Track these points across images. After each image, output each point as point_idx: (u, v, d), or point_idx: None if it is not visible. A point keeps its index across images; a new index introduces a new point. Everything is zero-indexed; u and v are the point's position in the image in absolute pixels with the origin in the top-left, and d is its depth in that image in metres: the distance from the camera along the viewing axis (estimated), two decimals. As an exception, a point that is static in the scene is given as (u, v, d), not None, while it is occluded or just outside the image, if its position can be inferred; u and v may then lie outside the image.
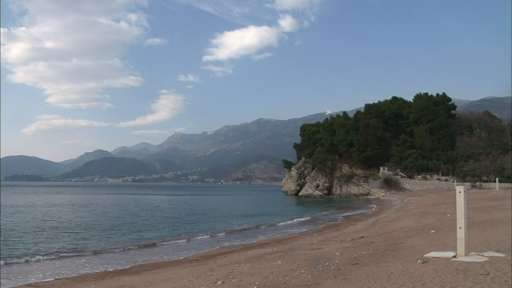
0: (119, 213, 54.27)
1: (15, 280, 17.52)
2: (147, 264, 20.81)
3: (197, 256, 22.99)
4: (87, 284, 16.26)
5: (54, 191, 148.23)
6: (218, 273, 15.43)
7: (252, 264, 16.73)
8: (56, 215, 49.83)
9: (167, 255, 23.89)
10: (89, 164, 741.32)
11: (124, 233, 33.28)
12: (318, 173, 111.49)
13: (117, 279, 17.07)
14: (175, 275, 16.44)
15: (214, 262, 19.48)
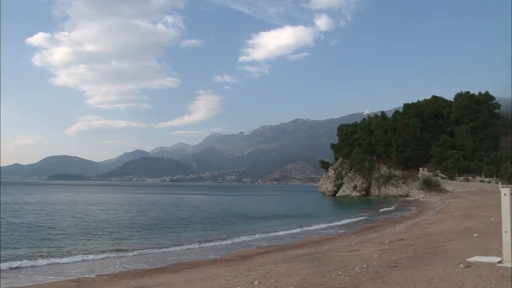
0: (157, 212, 54.97)
1: (58, 276, 17.99)
2: (185, 263, 20.94)
3: (234, 255, 23.01)
4: (126, 281, 16.47)
5: (94, 190, 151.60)
6: (255, 273, 15.37)
7: (289, 265, 16.60)
8: (96, 213, 50.90)
9: (204, 254, 24.01)
10: (128, 164, 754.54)
11: (162, 232, 33.69)
12: (355, 174, 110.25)
13: (156, 277, 17.26)
14: (212, 274, 16.47)
15: (251, 262, 19.42)
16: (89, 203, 71.05)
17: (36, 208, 57.07)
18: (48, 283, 16.95)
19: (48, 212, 51.06)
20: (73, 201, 76.04)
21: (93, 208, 60.42)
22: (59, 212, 51.72)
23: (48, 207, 59.51)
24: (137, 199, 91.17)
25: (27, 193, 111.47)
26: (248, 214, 53.35)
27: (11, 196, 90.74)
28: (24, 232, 31.60)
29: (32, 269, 19.35)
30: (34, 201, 74.30)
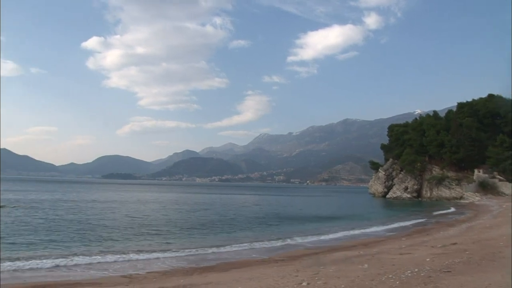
0: (206, 212, 55.59)
1: (110, 272, 18.50)
2: (233, 262, 21.04)
3: (282, 256, 22.93)
4: (176, 279, 16.70)
5: (145, 189, 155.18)
6: (303, 274, 15.27)
7: (338, 267, 16.41)
8: (146, 212, 52.02)
9: (253, 254, 24.06)
10: (178, 164, 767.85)
11: (211, 232, 33.98)
12: (406, 175, 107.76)
13: (205, 275, 17.43)
14: (261, 274, 16.47)
15: (299, 263, 19.32)
16: (140, 202, 72.73)
17: (89, 206, 58.98)
18: (101, 277, 17.48)
19: (101, 210, 52.65)
20: (124, 200, 78.07)
21: (144, 207, 61.83)
22: (111, 210, 53.19)
23: (100, 205, 61.40)
24: (187, 199, 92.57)
25: (81, 191, 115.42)
26: (297, 215, 53.16)
27: (66, 194, 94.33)
28: (78, 229, 32.68)
29: (86, 265, 19.94)
30: (87, 199, 76.80)
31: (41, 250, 23.27)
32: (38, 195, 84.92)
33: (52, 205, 56.60)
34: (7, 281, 16.75)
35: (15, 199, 67.03)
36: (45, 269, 18.85)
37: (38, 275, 17.91)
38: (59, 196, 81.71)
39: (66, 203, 62.94)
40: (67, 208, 52.53)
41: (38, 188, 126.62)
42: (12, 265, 19.14)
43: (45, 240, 26.75)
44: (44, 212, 45.69)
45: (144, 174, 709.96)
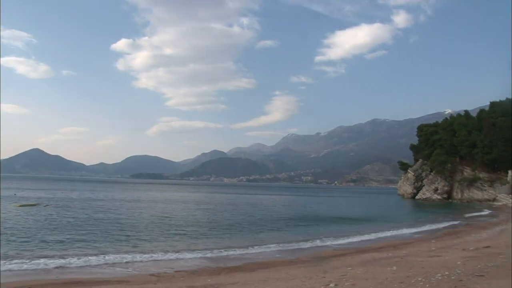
0: (234, 212, 55.70)
1: (139, 271, 18.69)
2: (260, 263, 21.04)
3: (310, 256, 22.82)
4: (203, 278, 16.78)
5: (173, 189, 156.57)
6: (331, 275, 15.14)
7: (366, 268, 16.21)
8: (174, 212, 52.44)
9: (280, 254, 24.01)
10: (206, 164, 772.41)
11: (239, 232, 34.06)
12: (436, 176, 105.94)
13: (232, 275, 17.47)
14: (288, 274, 16.42)
15: (327, 264, 19.19)
16: (167, 202, 73.36)
17: (117, 205, 59.81)
18: (130, 275, 17.72)
19: (129, 209, 53.38)
20: (152, 199, 78.94)
21: (172, 206, 62.31)
22: (139, 209, 53.86)
23: (128, 204, 62.26)
24: (214, 199, 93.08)
25: (111, 190, 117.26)
26: (325, 216, 52.78)
27: (95, 193, 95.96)
28: (106, 228, 33.15)
29: (114, 264, 20.18)
30: (116, 198, 77.93)
31: (71, 249, 23.67)
32: (69, 194, 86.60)
33: (82, 204, 57.64)
34: (39, 276, 17.18)
35: (46, 198, 68.59)
36: (75, 267, 19.19)
37: (69, 272, 18.26)
38: (88, 195, 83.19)
39: (95, 202, 64.06)
40: (96, 207, 53.42)
41: (69, 187, 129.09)
42: (44, 262, 19.54)
43: (75, 238, 27.21)
44: (74, 211, 46.55)
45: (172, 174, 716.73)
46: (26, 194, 78.64)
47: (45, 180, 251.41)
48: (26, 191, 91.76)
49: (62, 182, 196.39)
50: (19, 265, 18.83)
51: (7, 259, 19.81)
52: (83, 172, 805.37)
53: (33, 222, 34.58)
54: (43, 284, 15.51)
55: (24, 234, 27.93)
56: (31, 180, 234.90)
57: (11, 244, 24.17)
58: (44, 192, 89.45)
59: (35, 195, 76.00)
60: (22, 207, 48.79)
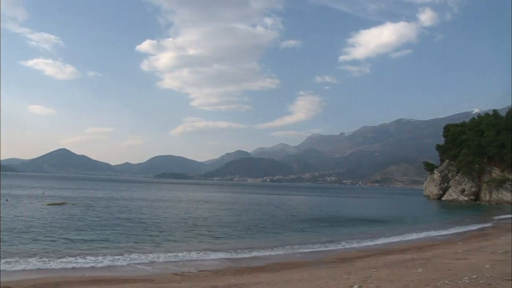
0: (257, 212, 55.75)
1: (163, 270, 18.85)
2: (284, 263, 20.98)
3: (333, 258, 22.68)
4: (227, 278, 16.84)
5: (197, 189, 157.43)
6: (354, 276, 15.01)
7: (391, 270, 16.03)
8: (198, 211, 52.78)
9: (304, 255, 23.95)
10: (229, 164, 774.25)
11: (262, 232, 34.09)
12: (463, 177, 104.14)
13: (255, 275, 17.48)
14: (311, 275, 16.35)
15: (351, 265, 19.05)
16: (191, 201, 73.87)
17: (142, 204, 60.51)
18: (154, 274, 17.88)
19: (153, 209, 53.93)
20: (176, 199, 79.54)
21: (195, 206, 62.71)
22: (163, 209, 54.33)
23: (153, 204, 62.88)
24: (238, 199, 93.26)
25: (135, 190, 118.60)
26: (349, 217, 52.39)
27: (120, 192, 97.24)
28: (131, 227, 33.60)
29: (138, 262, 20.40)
30: (141, 198, 78.84)
31: (96, 248, 24.03)
32: (95, 193, 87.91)
33: (107, 204, 58.46)
34: (67, 273, 17.60)
35: (73, 197, 69.79)
36: (101, 266, 19.45)
37: (94, 270, 18.56)
38: (113, 195, 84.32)
39: (120, 201, 64.99)
40: (121, 207, 54.13)
41: (95, 187, 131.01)
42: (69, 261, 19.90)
43: (100, 237, 27.62)
44: (99, 211, 47.23)
45: (196, 174, 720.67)
46: (54, 193, 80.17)
47: (72, 179, 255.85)
48: (54, 190, 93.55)
49: (88, 182, 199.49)
50: (46, 263, 19.22)
51: (35, 257, 20.28)
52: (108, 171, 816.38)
53: (60, 221, 35.22)
54: (70, 282, 15.75)
55: (51, 232, 28.46)
56: (59, 179, 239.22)
57: (39, 242, 24.66)
58: (71, 192, 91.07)
59: (63, 194, 77.38)
60: (50, 206, 49.77)
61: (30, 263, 19.04)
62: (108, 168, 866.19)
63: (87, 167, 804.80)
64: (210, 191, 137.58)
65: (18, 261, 19.23)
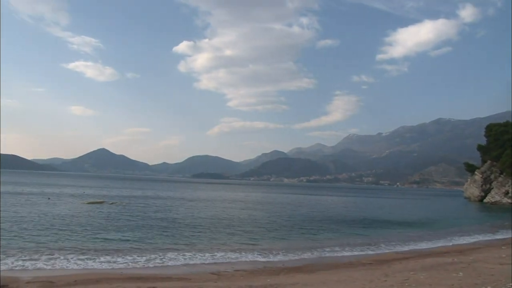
0: (293, 212, 55.58)
1: (199, 269, 19.04)
2: (320, 264, 20.87)
3: (370, 259, 22.41)
4: (263, 278, 16.83)
5: (233, 189, 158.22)
6: (392, 279, 14.78)
7: (429, 273, 15.69)
8: (233, 211, 52.94)
9: (340, 256, 23.80)
10: (266, 164, 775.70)
11: (297, 232, 33.93)
12: (507, 178, 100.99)
13: (291, 276, 17.40)
14: (348, 277, 16.20)
15: (388, 267, 18.76)
16: (228, 201, 74.23)
17: (178, 204, 61.28)
18: (191, 273, 18.04)
19: (190, 208, 54.48)
20: (213, 199, 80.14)
21: (232, 206, 63.01)
22: (200, 208, 54.86)
23: (190, 203, 63.58)
24: (274, 199, 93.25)
25: (172, 190, 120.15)
26: (386, 218, 51.61)
27: (158, 192, 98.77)
28: (167, 226, 34.01)
29: (175, 261, 20.68)
30: (177, 197, 79.90)
31: (134, 246, 24.44)
32: (133, 192, 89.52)
33: (145, 203, 59.45)
34: (106, 270, 18.01)
35: (112, 196, 71.33)
36: (138, 263, 19.78)
37: (132, 268, 18.90)
38: (151, 194, 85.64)
39: (157, 200, 66.02)
40: (158, 206, 54.92)
41: (133, 186, 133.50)
42: (107, 258, 20.35)
43: (138, 236, 28.07)
44: (137, 209, 48.10)
45: (232, 174, 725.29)
46: (93, 192, 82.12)
47: (111, 179, 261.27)
48: (93, 189, 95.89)
49: (126, 181, 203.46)
50: (85, 261, 19.68)
51: (75, 253, 20.85)
52: (146, 171, 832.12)
53: (99, 219, 35.98)
54: (109, 279, 16.06)
55: (90, 230, 29.14)
56: (98, 178, 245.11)
57: (78, 240, 25.26)
58: (109, 191, 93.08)
59: (102, 193, 79.14)
60: (89, 204, 50.99)
61: (70, 260, 19.53)
62: (146, 167, 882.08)
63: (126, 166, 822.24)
64: (246, 191, 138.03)
65: (59, 258, 19.81)
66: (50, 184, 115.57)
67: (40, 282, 15.05)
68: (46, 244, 23.39)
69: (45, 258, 19.49)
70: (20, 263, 18.36)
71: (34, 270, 17.53)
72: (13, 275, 16.07)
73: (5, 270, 17.09)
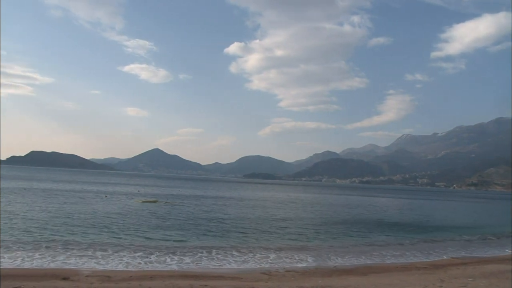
0: (345, 213, 54.92)
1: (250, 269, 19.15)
2: (373, 266, 20.58)
3: (425, 263, 21.82)
4: (315, 279, 16.68)
5: (285, 189, 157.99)
6: (448, 285, 14.30)
7: (490, 281, 15.02)
8: (285, 212, 52.79)
9: (393, 259, 23.36)
10: (318, 164, 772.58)
11: (349, 233, 33.43)
12: None
13: (343, 278, 17.19)
14: (401, 281, 15.85)
15: (444, 273, 18.16)
16: (279, 201, 74.18)
17: (229, 203, 62.05)
18: (242, 272, 18.16)
19: (242, 208, 54.95)
20: (265, 199, 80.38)
21: (283, 206, 62.91)
22: (252, 208, 55.08)
23: (241, 203, 64.26)
24: (326, 200, 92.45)
25: (225, 190, 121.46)
26: (442, 221, 50.25)
27: (210, 191, 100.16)
28: (218, 225, 34.37)
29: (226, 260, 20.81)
30: (230, 196, 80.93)
31: (186, 244, 24.79)
32: (186, 192, 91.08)
33: (198, 202, 60.33)
34: (158, 267, 18.44)
35: (165, 195, 72.94)
36: (189, 262, 20.07)
37: (183, 265, 19.22)
38: (203, 194, 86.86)
39: (209, 200, 66.99)
40: (210, 206, 55.69)
41: (186, 186, 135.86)
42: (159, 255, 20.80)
43: (190, 234, 28.50)
44: (190, 209, 48.91)
45: (284, 174, 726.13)
46: (147, 191, 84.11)
47: (164, 178, 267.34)
48: (147, 188, 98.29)
49: (179, 181, 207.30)
50: (141, 258, 20.20)
51: (130, 251, 21.47)
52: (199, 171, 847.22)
53: (153, 218, 36.76)
54: (162, 276, 16.39)
55: (145, 229, 29.91)
56: (152, 178, 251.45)
57: (132, 237, 25.87)
58: (163, 190, 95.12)
59: (155, 192, 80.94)
60: (144, 203, 52.20)
61: (124, 257, 20.13)
62: (198, 167, 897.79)
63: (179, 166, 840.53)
64: (298, 192, 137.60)
65: (113, 254, 20.56)
66: (106, 183, 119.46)
67: (98, 276, 15.75)
68: (101, 240, 24.28)
69: (101, 255, 20.23)
70: (78, 258, 19.25)
71: (92, 265, 18.26)
72: (74, 268, 17.16)
73: (67, 264, 18.08)
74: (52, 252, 20.36)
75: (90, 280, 14.85)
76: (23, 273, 15.70)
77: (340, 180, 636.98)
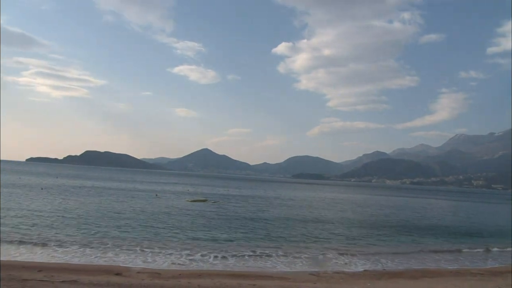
0: (396, 215, 53.77)
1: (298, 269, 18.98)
2: (424, 270, 20.04)
3: (482, 270, 20.91)
4: (363, 282, 16.40)
5: (334, 190, 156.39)
6: (506, 293, 13.45)
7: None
8: (333, 212, 52.28)
9: (447, 263, 22.68)
10: (367, 165, 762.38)
11: (399, 236, 32.73)
12: None
13: (393, 281, 16.83)
14: (455, 286, 15.48)
15: (502, 280, 17.40)
16: (328, 202, 73.60)
17: (278, 203, 62.26)
18: (290, 273, 18.04)
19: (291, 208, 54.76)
20: (312, 199, 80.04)
21: (331, 207, 62.25)
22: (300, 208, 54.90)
23: (291, 203, 64.41)
24: (376, 201, 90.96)
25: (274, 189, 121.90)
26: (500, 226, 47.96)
27: (259, 191, 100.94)
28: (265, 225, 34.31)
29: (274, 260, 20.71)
30: (280, 196, 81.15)
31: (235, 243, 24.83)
32: (235, 192, 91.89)
33: (247, 202, 60.61)
34: (206, 266, 18.67)
35: (214, 194, 73.81)
36: (236, 261, 20.18)
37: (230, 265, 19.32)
38: (252, 194, 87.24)
39: (258, 200, 67.38)
40: (260, 205, 55.94)
41: (235, 186, 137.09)
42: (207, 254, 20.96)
43: (239, 234, 28.60)
44: (239, 208, 49.25)
45: (333, 174, 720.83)
46: (197, 190, 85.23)
47: (213, 178, 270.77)
48: (197, 188, 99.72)
49: (228, 181, 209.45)
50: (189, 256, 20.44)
51: (178, 250, 21.68)
52: (248, 171, 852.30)
53: (202, 218, 37.12)
54: (210, 274, 16.51)
55: (194, 226, 30.45)
56: (201, 177, 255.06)
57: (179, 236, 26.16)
58: (212, 189, 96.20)
59: (204, 192, 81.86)
60: (193, 202, 52.87)
61: (172, 255, 20.50)
62: (247, 167, 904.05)
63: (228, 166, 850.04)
64: (347, 193, 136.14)
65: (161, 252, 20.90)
66: (157, 182, 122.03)
67: (149, 273, 16.06)
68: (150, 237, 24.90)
69: (150, 252, 20.71)
70: (126, 255, 19.88)
71: (139, 262, 18.71)
72: (125, 265, 17.73)
73: (115, 261, 18.63)
74: (102, 248, 21.17)
75: (141, 277, 15.15)
76: (77, 268, 16.33)
77: (390, 181, 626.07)
